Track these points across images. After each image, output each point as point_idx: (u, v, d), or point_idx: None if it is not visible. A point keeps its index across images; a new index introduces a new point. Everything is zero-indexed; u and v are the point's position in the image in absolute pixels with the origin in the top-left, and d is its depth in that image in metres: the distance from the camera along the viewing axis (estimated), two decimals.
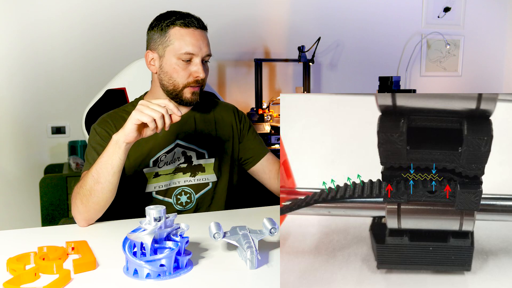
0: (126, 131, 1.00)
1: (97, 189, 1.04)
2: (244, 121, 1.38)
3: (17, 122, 2.44)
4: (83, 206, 1.06)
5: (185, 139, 1.26)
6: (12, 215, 2.46)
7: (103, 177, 1.04)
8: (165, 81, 1.21)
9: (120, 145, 1.02)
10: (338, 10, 2.98)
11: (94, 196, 1.05)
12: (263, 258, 0.87)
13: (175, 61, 1.18)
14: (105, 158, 1.04)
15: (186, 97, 1.21)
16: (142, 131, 1.02)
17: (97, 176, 1.04)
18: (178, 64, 1.18)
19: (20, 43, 2.41)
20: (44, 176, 2.23)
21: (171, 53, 1.18)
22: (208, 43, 1.21)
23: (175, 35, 1.18)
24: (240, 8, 2.77)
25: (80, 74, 2.50)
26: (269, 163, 1.34)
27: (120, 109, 1.28)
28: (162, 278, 0.79)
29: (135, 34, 2.55)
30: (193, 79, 1.19)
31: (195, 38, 1.18)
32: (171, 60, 1.18)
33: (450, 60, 3.31)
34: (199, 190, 1.27)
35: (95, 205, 1.06)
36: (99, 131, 1.20)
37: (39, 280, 0.79)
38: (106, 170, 1.03)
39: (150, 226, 0.81)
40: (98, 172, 1.04)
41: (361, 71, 3.09)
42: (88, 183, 1.05)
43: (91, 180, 1.05)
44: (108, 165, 1.03)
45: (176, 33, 1.18)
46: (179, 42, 1.17)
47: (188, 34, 1.17)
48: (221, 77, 2.79)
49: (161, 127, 0.99)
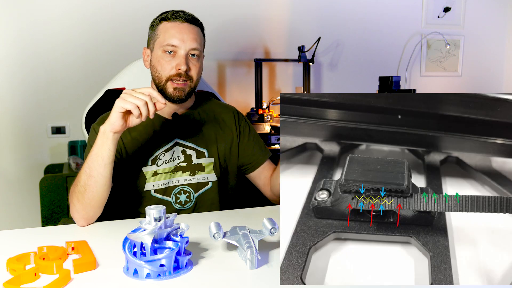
0: (112, 121, 1.03)
1: (91, 184, 1.05)
2: (245, 124, 1.37)
3: (17, 122, 2.44)
4: (79, 204, 1.07)
5: (184, 137, 1.26)
6: (12, 215, 2.47)
7: (95, 170, 1.05)
8: (153, 75, 1.23)
9: (107, 135, 1.04)
10: (338, 10, 2.98)
11: (89, 191, 1.05)
12: (263, 258, 0.87)
13: (160, 54, 1.19)
14: (95, 151, 1.05)
15: (169, 92, 1.20)
16: (128, 120, 1.04)
17: (89, 170, 1.05)
18: (162, 57, 1.19)
19: (20, 43, 2.41)
20: (44, 176, 2.23)
21: (157, 46, 1.20)
22: (195, 38, 1.20)
23: (162, 28, 1.20)
24: (240, 8, 2.76)
25: (80, 74, 2.50)
26: (265, 169, 1.35)
27: None
28: (162, 278, 0.79)
29: (135, 34, 2.55)
30: (176, 72, 1.18)
31: (178, 30, 1.18)
32: (157, 52, 1.20)
33: (450, 60, 3.30)
34: (198, 189, 1.27)
35: (91, 201, 1.06)
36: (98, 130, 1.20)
37: (39, 280, 0.79)
38: (97, 162, 1.04)
39: (150, 226, 0.81)
40: (90, 166, 1.05)
41: (361, 71, 3.09)
42: (82, 179, 1.06)
43: (84, 176, 1.06)
44: (99, 158, 1.04)
45: (163, 27, 1.20)
46: (164, 34, 1.19)
47: (173, 27, 1.19)
48: (221, 77, 2.79)
49: (145, 114, 1.02)
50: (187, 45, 1.18)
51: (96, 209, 1.08)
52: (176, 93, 1.20)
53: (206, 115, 1.32)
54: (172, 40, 1.18)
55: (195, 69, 1.21)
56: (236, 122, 1.35)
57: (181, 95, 1.20)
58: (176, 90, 1.20)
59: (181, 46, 1.18)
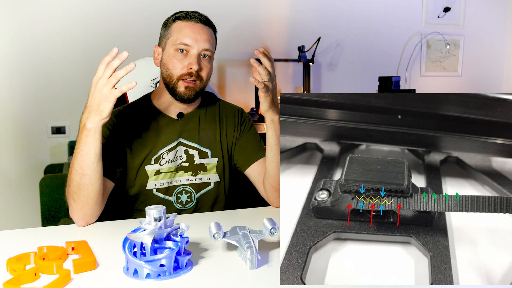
0: (105, 114, 1.00)
1: (85, 182, 1.04)
2: (246, 122, 1.36)
3: (17, 122, 2.44)
4: (76, 204, 1.06)
5: (188, 137, 1.26)
6: (12, 215, 2.46)
7: (88, 167, 1.03)
8: (164, 73, 1.22)
9: (97, 130, 1.02)
10: (338, 10, 2.98)
11: (84, 189, 1.05)
12: (263, 258, 0.87)
13: (172, 52, 1.19)
14: (85, 149, 1.03)
15: (180, 91, 1.20)
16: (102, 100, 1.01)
17: (81, 169, 1.03)
18: (174, 56, 1.19)
19: (20, 43, 2.40)
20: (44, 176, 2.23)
21: (170, 44, 1.20)
22: (208, 39, 1.20)
23: (176, 27, 1.20)
24: (240, 8, 2.76)
25: (80, 74, 2.50)
26: (260, 167, 1.30)
27: (124, 107, 1.28)
28: (162, 278, 0.79)
29: (135, 34, 2.55)
30: (187, 71, 1.18)
31: (192, 30, 1.19)
32: (170, 51, 1.20)
33: (450, 60, 3.30)
34: (200, 190, 1.27)
35: (87, 199, 1.06)
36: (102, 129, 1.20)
37: (39, 280, 0.79)
38: (90, 159, 1.03)
39: (150, 226, 0.81)
40: (81, 165, 1.03)
41: (361, 71, 3.09)
42: (74, 180, 1.05)
43: (76, 176, 1.04)
44: (91, 155, 1.03)
45: (177, 26, 1.20)
46: (177, 33, 1.19)
47: (187, 26, 1.19)
48: (221, 77, 2.79)
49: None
50: (200, 45, 1.18)
51: (93, 206, 1.07)
52: (187, 92, 1.20)
53: (212, 115, 1.32)
54: (185, 39, 1.18)
55: (206, 70, 1.21)
56: (238, 121, 1.35)
57: (191, 94, 1.20)
58: (187, 89, 1.20)
59: (193, 46, 1.18)
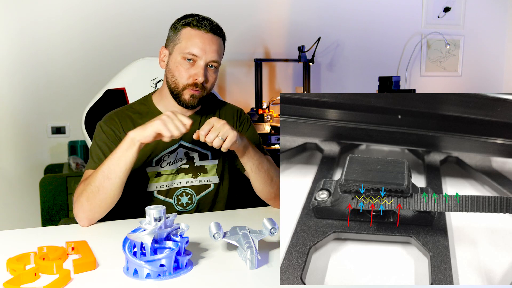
0: (146, 134, 1.04)
1: (107, 186, 1.05)
2: (245, 122, 1.36)
3: (17, 122, 2.44)
4: (88, 204, 1.06)
5: (189, 140, 1.26)
6: (12, 215, 2.46)
7: (114, 173, 1.05)
8: (169, 79, 1.21)
9: (135, 143, 1.05)
10: (338, 10, 2.98)
11: (102, 193, 1.06)
12: (263, 258, 0.87)
13: (179, 60, 1.18)
14: (119, 154, 1.05)
15: (185, 98, 1.20)
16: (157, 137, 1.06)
17: (108, 172, 1.05)
18: (181, 64, 1.18)
19: (20, 43, 2.40)
20: (44, 176, 2.23)
21: (177, 51, 1.19)
22: (217, 50, 1.19)
23: (185, 34, 1.18)
24: (240, 8, 2.76)
25: (80, 74, 2.50)
26: None
27: (127, 107, 1.28)
28: (162, 278, 0.79)
29: (135, 34, 2.55)
30: (192, 82, 1.18)
31: (202, 40, 1.16)
32: (177, 58, 1.19)
33: (450, 60, 3.30)
34: (200, 192, 1.27)
35: (101, 203, 1.07)
36: (105, 129, 1.21)
37: (39, 280, 0.79)
38: (119, 166, 1.05)
39: (150, 226, 0.81)
40: (109, 168, 1.05)
41: (361, 71, 3.09)
42: (97, 180, 1.06)
43: (101, 176, 1.06)
44: (122, 162, 1.05)
45: (187, 33, 1.18)
46: (186, 41, 1.17)
47: (197, 35, 1.17)
48: (221, 77, 2.79)
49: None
50: (208, 56, 1.17)
51: (103, 211, 1.09)
52: (191, 100, 1.20)
53: (212, 116, 1.31)
54: (193, 49, 1.16)
55: (211, 80, 1.21)
56: (237, 121, 1.35)
57: (195, 102, 1.21)
58: (192, 97, 1.20)
59: (201, 57, 1.16)
